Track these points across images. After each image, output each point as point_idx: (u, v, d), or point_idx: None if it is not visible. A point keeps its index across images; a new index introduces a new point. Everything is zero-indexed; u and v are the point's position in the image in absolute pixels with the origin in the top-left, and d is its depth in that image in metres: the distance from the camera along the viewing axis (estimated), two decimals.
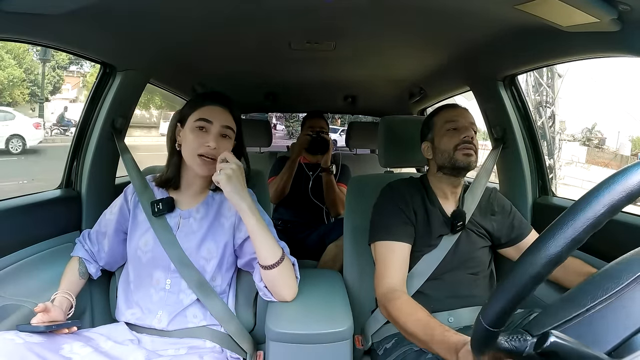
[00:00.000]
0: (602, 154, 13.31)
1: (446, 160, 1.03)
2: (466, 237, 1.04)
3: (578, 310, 0.42)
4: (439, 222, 1.04)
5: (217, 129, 0.94)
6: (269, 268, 0.90)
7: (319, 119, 1.99)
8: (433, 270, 0.99)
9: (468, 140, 1.02)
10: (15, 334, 0.73)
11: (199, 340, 0.93)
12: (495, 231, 1.07)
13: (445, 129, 1.06)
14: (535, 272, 0.38)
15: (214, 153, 0.92)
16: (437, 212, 1.05)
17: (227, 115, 0.96)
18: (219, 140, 0.94)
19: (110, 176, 1.31)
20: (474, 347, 0.47)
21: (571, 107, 26.27)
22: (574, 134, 18.26)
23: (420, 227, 1.03)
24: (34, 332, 0.76)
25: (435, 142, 1.08)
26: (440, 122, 1.07)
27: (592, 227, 0.36)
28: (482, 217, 1.07)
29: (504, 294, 0.41)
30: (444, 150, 1.04)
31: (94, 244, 1.03)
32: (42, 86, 12.91)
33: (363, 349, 1.00)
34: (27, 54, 14.21)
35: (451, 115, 1.07)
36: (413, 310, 0.84)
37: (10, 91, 13.19)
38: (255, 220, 0.89)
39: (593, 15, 0.74)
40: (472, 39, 1.13)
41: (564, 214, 0.38)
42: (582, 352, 0.36)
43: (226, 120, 0.96)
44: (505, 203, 1.13)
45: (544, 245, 0.38)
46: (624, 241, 0.89)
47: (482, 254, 1.05)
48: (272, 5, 0.97)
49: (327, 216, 1.96)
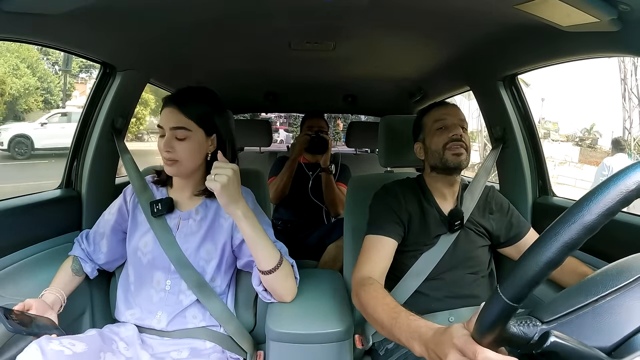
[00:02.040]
0: (595, 154, 13.42)
1: (437, 161, 1.04)
2: (465, 236, 1.03)
3: (587, 299, 0.42)
4: (436, 221, 1.03)
5: (168, 134, 0.92)
6: (267, 273, 0.90)
7: (319, 118, 1.99)
8: (431, 269, 0.99)
9: (457, 139, 1.01)
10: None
11: (199, 340, 0.93)
12: (494, 230, 1.06)
13: (434, 128, 1.05)
14: (567, 240, 0.37)
15: (171, 156, 0.92)
16: (433, 211, 1.05)
17: (176, 116, 0.92)
18: (174, 143, 0.92)
19: (110, 176, 1.31)
20: (482, 325, 0.44)
21: (567, 107, 26.38)
22: (567, 134, 18.32)
23: (416, 227, 1.03)
24: (16, 333, 0.75)
25: (426, 143, 1.08)
26: (430, 121, 1.07)
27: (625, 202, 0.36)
28: (480, 216, 1.07)
29: (529, 266, 0.39)
30: (434, 151, 1.04)
31: (89, 244, 1.03)
32: (64, 94, 13.55)
33: (363, 349, 1.00)
34: (40, 63, 14.97)
35: (440, 113, 1.06)
36: (383, 296, 0.80)
37: (26, 99, 13.74)
38: (251, 227, 0.87)
39: (593, 15, 0.74)
40: (472, 39, 1.13)
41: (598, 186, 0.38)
42: (583, 352, 0.36)
43: (175, 122, 0.91)
44: (503, 201, 1.12)
45: (575, 212, 0.38)
46: (624, 241, 0.90)
47: (481, 253, 1.05)
48: (272, 5, 0.97)
49: (327, 216, 1.96)
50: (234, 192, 0.85)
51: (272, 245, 0.91)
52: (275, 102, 2.30)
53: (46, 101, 14.94)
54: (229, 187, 0.83)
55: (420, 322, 0.64)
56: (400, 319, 0.68)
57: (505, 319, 0.41)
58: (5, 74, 12.61)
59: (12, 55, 13.63)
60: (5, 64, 13.19)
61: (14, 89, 12.90)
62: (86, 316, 1.04)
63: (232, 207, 0.85)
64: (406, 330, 0.65)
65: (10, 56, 13.56)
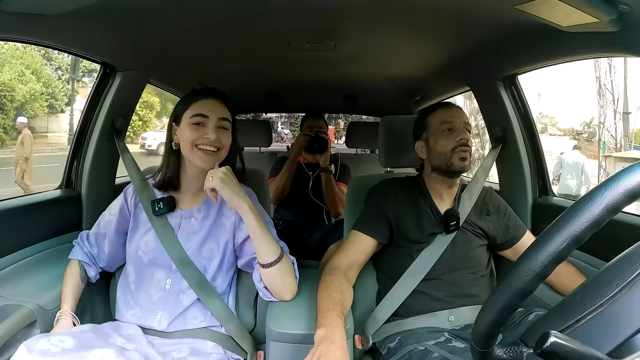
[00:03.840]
0: (592, 147, 13.57)
1: (442, 163, 1.03)
2: (463, 236, 1.04)
3: (572, 319, 0.42)
4: (430, 220, 1.04)
5: (214, 122, 0.94)
6: (268, 266, 0.90)
7: (318, 118, 1.99)
8: (429, 269, 0.99)
9: (464, 143, 1.02)
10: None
11: (200, 340, 0.93)
12: (490, 231, 1.07)
13: (441, 129, 1.05)
14: (539, 271, 0.39)
15: (214, 144, 0.92)
16: (427, 211, 1.06)
17: (222, 108, 0.96)
18: (218, 132, 0.93)
19: (111, 176, 1.31)
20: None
21: (565, 102, 26.45)
22: (565, 128, 18.42)
23: (407, 225, 1.04)
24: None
25: (430, 143, 1.07)
26: (436, 122, 1.06)
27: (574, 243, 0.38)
28: (477, 217, 1.07)
29: (489, 313, 0.43)
30: (440, 153, 1.04)
31: (93, 246, 1.02)
32: (71, 100, 13.82)
33: (364, 348, 1.00)
34: (43, 69, 15.44)
35: (447, 115, 1.06)
36: (333, 289, 0.89)
37: (32, 104, 14.14)
38: (256, 220, 0.90)
39: (593, 15, 0.74)
40: (472, 39, 1.13)
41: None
42: (582, 353, 0.36)
43: (222, 113, 0.95)
44: (501, 203, 1.12)
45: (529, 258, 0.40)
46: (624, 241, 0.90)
47: (480, 253, 1.05)
48: (272, 5, 0.97)
49: (327, 216, 1.96)
50: (234, 185, 0.89)
51: (274, 240, 0.93)
52: (276, 102, 2.30)
53: (51, 106, 15.29)
54: (228, 181, 0.88)
55: (335, 324, 0.78)
56: (320, 312, 0.82)
57: (488, 357, 0.44)
58: (11, 81, 12.97)
59: (17, 61, 13.99)
60: (10, 71, 13.52)
61: (20, 95, 13.26)
62: (86, 317, 1.04)
63: (237, 199, 0.88)
64: (324, 322, 0.79)
65: (15, 62, 13.90)
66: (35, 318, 0.88)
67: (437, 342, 0.87)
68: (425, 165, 1.10)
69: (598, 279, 0.44)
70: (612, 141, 10.29)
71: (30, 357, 0.69)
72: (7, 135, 12.56)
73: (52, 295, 0.94)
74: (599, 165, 10.22)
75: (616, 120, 10.23)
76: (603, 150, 10.38)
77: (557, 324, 0.43)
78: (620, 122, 10.24)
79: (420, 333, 0.92)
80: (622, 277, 0.41)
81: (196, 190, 1.01)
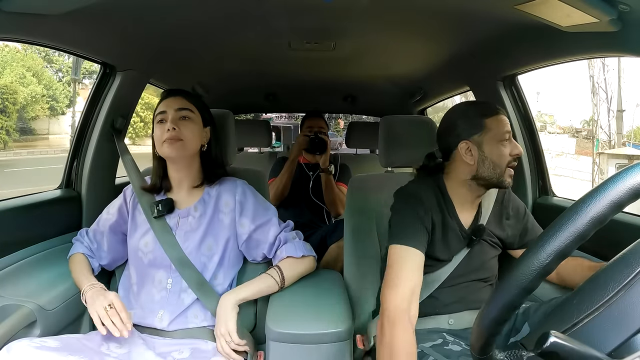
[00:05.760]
0: (591, 145, 13.72)
1: (494, 175, 0.88)
2: (479, 247, 0.97)
3: (569, 323, 0.42)
4: (457, 238, 0.94)
5: (172, 114, 0.97)
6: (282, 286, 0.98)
7: (318, 119, 1.99)
8: (444, 279, 0.95)
9: (516, 159, 0.91)
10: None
11: (201, 341, 0.93)
12: (508, 237, 1.00)
13: (501, 138, 0.89)
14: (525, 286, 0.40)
15: (175, 134, 0.95)
16: (454, 227, 0.94)
17: (179, 100, 0.99)
18: (178, 122, 0.96)
19: (110, 176, 1.31)
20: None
21: (564, 100, 26.53)
22: (564, 126, 18.51)
23: (436, 243, 0.93)
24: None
25: (484, 149, 0.89)
26: (498, 127, 0.89)
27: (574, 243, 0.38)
28: (496, 224, 0.99)
29: (484, 321, 0.43)
30: (497, 164, 0.88)
31: (92, 242, 1.03)
32: (72, 102, 13.84)
33: (364, 349, 1.00)
34: (44, 71, 15.57)
35: (506, 122, 0.90)
36: (410, 345, 0.75)
37: (33, 106, 14.28)
38: (245, 295, 0.94)
39: (593, 15, 0.74)
40: (472, 39, 1.13)
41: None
42: (582, 353, 0.36)
43: (180, 104, 0.98)
44: (520, 206, 1.04)
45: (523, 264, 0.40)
46: (624, 241, 0.89)
47: (493, 263, 1.01)
48: (272, 5, 0.97)
49: (327, 216, 1.96)
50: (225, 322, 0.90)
51: (265, 280, 0.97)
52: (275, 102, 2.30)
53: (52, 108, 15.41)
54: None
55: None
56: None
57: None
58: (12, 83, 13.09)
59: (18, 64, 14.10)
60: (12, 73, 13.64)
61: (21, 97, 13.40)
62: (86, 317, 1.04)
63: (221, 319, 0.90)
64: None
65: (16, 65, 14.01)
66: (35, 318, 0.88)
67: (434, 345, 0.86)
68: (461, 170, 0.93)
69: (595, 281, 0.44)
70: (605, 138, 10.39)
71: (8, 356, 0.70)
72: (9, 138, 12.65)
73: (52, 295, 0.94)
74: (592, 161, 10.30)
75: (609, 117, 10.39)
76: (596, 148, 10.46)
77: (556, 327, 0.43)
78: (614, 120, 10.40)
79: (419, 334, 0.92)
80: (618, 280, 0.41)
81: (190, 188, 1.01)
